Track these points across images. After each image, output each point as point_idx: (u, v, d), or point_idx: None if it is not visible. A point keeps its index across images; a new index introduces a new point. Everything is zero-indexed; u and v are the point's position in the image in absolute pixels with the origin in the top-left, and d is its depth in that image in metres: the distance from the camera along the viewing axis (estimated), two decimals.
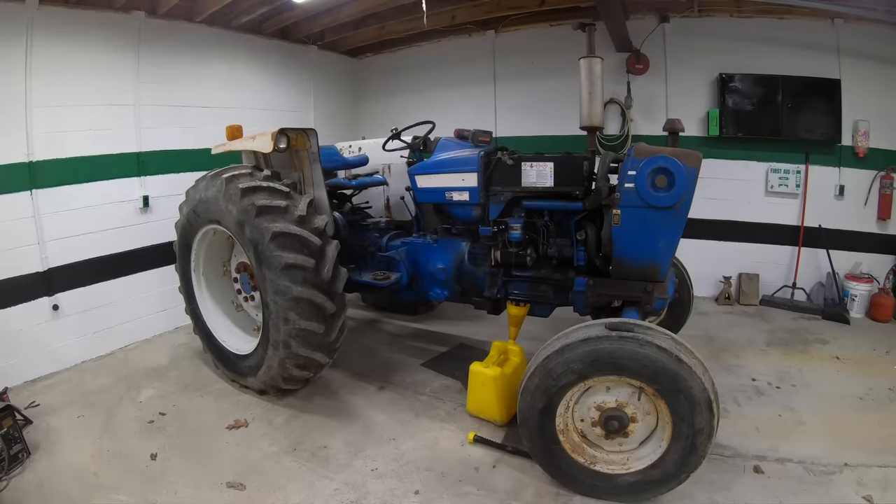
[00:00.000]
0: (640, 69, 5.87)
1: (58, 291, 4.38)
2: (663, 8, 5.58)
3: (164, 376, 4.27)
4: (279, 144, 3.58)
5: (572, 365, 2.51)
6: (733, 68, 5.50)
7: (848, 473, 2.81)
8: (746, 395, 3.72)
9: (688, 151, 2.82)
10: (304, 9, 5.55)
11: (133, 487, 2.85)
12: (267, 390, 3.77)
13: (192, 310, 4.24)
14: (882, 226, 5.35)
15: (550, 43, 6.14)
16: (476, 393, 3.42)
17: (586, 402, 2.64)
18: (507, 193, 3.40)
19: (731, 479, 2.78)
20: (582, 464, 2.66)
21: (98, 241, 4.66)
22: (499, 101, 6.71)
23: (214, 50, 5.60)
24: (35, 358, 4.22)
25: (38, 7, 4.12)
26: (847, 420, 3.35)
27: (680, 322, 4.16)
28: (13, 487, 2.85)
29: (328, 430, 3.42)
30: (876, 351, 4.43)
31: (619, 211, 2.91)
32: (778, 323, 5.15)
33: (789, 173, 5.54)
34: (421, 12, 5.06)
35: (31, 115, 4.14)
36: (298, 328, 3.30)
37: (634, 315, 2.93)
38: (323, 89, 7.10)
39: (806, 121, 5.35)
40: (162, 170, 5.10)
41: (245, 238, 3.40)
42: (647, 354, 2.37)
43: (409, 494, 2.76)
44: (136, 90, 4.87)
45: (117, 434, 3.40)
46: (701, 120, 5.72)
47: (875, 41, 5.07)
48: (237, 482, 2.88)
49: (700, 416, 2.34)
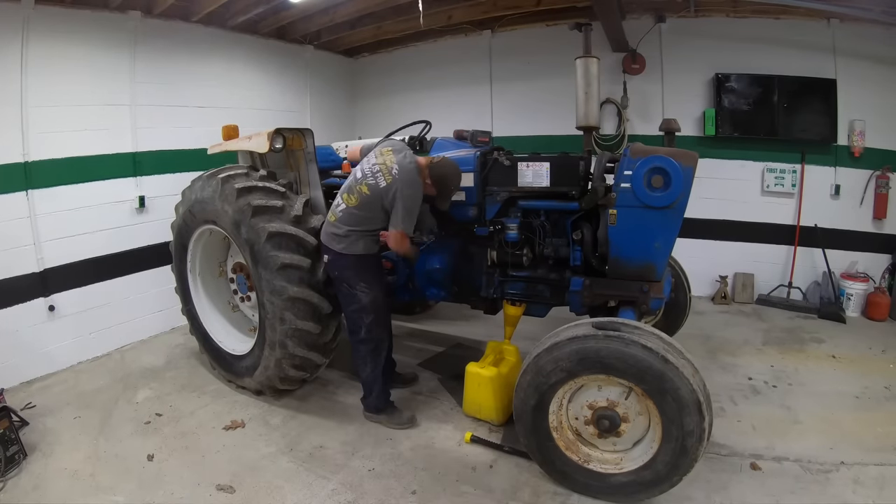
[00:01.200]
0: (636, 69, 5.88)
1: (54, 292, 4.36)
2: (659, 8, 5.59)
3: (160, 377, 4.26)
4: (275, 144, 3.58)
5: (561, 363, 2.52)
6: (729, 68, 5.52)
7: (844, 472, 2.82)
8: (743, 393, 3.73)
9: (684, 151, 2.83)
10: (300, 8, 5.54)
11: (130, 488, 2.85)
12: (263, 391, 3.77)
13: (188, 310, 4.23)
14: (878, 225, 5.38)
15: (547, 43, 6.15)
16: (472, 393, 3.42)
17: (579, 401, 2.65)
18: (503, 193, 3.40)
19: (727, 478, 2.78)
20: (575, 461, 2.66)
21: (94, 241, 4.65)
22: (495, 100, 6.71)
23: (210, 50, 5.59)
24: (31, 359, 4.20)
25: (33, 7, 4.10)
26: (843, 419, 3.36)
27: (677, 324, 4.17)
28: (9, 489, 2.84)
29: (325, 430, 3.42)
30: (872, 350, 4.45)
31: (616, 211, 2.91)
32: (774, 322, 5.17)
33: (785, 173, 5.56)
34: (417, 12, 5.07)
35: (26, 114, 4.12)
36: (295, 328, 3.30)
37: (630, 315, 2.93)
38: (319, 89, 7.09)
39: (802, 120, 5.38)
40: (158, 170, 5.09)
41: (241, 238, 3.40)
42: (633, 354, 2.37)
43: (406, 494, 2.76)
44: (132, 90, 4.85)
45: (114, 435, 3.40)
46: (697, 120, 5.74)
47: (870, 41, 5.09)
48: (234, 483, 2.87)
49: (689, 417, 2.31)
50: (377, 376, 3.43)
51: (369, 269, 3.35)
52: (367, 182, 3.19)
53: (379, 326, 3.39)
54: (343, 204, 3.26)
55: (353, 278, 3.28)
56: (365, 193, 3.17)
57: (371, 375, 3.42)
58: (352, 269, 3.27)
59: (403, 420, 3.45)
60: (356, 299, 3.29)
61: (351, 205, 3.21)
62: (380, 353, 3.43)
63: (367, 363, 3.41)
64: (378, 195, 3.14)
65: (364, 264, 3.30)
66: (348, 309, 3.38)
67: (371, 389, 3.46)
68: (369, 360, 3.40)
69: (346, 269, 3.28)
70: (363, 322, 3.33)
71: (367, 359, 3.40)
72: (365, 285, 3.28)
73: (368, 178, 3.19)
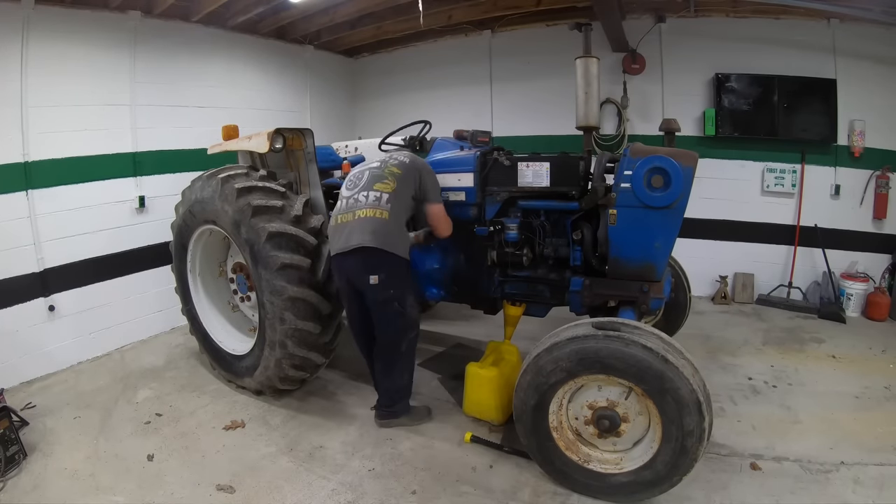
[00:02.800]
0: (636, 69, 5.88)
1: (54, 292, 4.37)
2: (660, 8, 5.59)
3: (160, 377, 4.26)
4: (275, 144, 3.58)
5: (560, 363, 2.52)
6: (729, 68, 5.52)
7: (844, 472, 2.82)
8: (743, 393, 3.73)
9: (684, 151, 2.83)
10: (300, 8, 5.54)
11: (130, 489, 2.85)
12: (263, 391, 3.77)
13: (188, 310, 4.24)
14: (878, 225, 5.38)
15: (547, 43, 6.15)
16: (472, 393, 3.42)
17: (579, 401, 2.65)
18: (503, 193, 3.41)
19: (727, 478, 2.78)
20: (575, 461, 2.66)
21: (94, 241, 4.65)
22: (495, 100, 6.71)
23: (210, 50, 5.59)
24: (31, 359, 4.20)
25: (33, 7, 4.10)
26: (843, 418, 3.36)
27: (677, 324, 4.17)
28: (9, 489, 2.84)
29: (325, 430, 3.42)
30: (872, 350, 4.45)
31: (616, 211, 2.91)
32: (774, 322, 5.16)
33: (785, 173, 5.56)
34: (417, 12, 5.07)
35: (26, 115, 4.12)
36: (294, 328, 3.30)
37: (630, 315, 2.92)
38: (319, 89, 7.09)
39: (802, 120, 5.38)
40: (158, 170, 5.09)
41: (241, 238, 3.40)
42: (633, 354, 2.37)
43: (406, 494, 2.75)
44: (132, 90, 4.85)
45: (114, 435, 3.39)
46: (697, 120, 5.74)
47: (870, 41, 5.09)
48: (234, 483, 2.87)
49: (689, 417, 2.31)
50: (411, 384, 3.38)
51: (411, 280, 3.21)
52: (393, 164, 3.18)
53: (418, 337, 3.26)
54: (382, 194, 3.03)
55: (404, 296, 3.06)
56: (398, 173, 3.12)
57: (408, 384, 3.36)
58: (404, 283, 3.05)
59: (423, 414, 3.43)
60: (406, 318, 3.10)
61: (390, 190, 3.04)
62: (414, 360, 3.36)
63: (405, 373, 3.30)
64: (409, 173, 3.14)
65: (409, 273, 3.15)
66: (393, 326, 3.11)
67: (402, 398, 3.36)
68: (407, 369, 3.31)
69: (401, 287, 3.04)
70: (407, 337, 3.17)
71: (405, 369, 3.29)
72: (413, 299, 3.14)
73: (391, 162, 3.19)
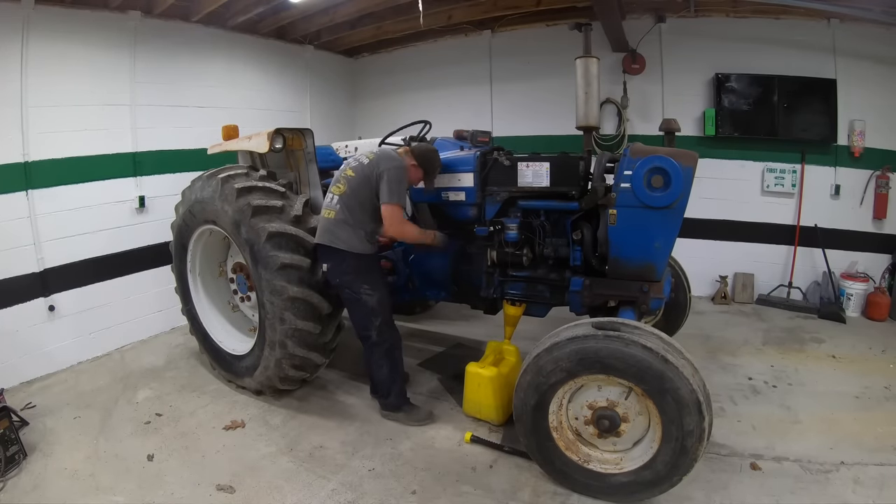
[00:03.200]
0: (636, 69, 5.88)
1: (54, 292, 4.36)
2: (660, 8, 5.59)
3: (160, 377, 4.26)
4: (275, 144, 3.58)
5: (560, 363, 2.52)
6: (729, 68, 5.52)
7: (844, 472, 2.82)
8: (743, 393, 3.73)
9: (684, 151, 2.83)
10: (300, 8, 5.54)
11: (130, 489, 2.84)
12: (263, 391, 3.77)
13: (188, 310, 4.23)
14: (878, 225, 5.38)
15: (547, 43, 6.15)
16: (472, 393, 3.42)
17: (579, 401, 2.65)
18: (503, 193, 3.41)
19: (727, 478, 2.78)
20: (575, 461, 2.66)
21: (94, 241, 4.65)
22: (495, 100, 6.71)
23: (210, 50, 5.59)
24: (31, 359, 4.20)
25: (33, 7, 4.10)
26: (843, 418, 3.36)
27: (677, 324, 4.17)
28: (9, 489, 2.84)
29: (325, 430, 3.42)
30: (872, 350, 4.45)
31: (616, 211, 2.90)
32: (774, 322, 5.16)
33: (785, 173, 5.56)
34: (417, 12, 5.07)
35: (26, 115, 4.12)
36: (294, 328, 3.30)
37: (630, 315, 2.92)
38: (319, 89, 7.09)
39: (802, 120, 5.38)
40: (158, 170, 5.09)
41: (241, 238, 3.40)
42: (633, 354, 2.37)
43: (406, 494, 2.76)
44: (132, 90, 4.85)
45: (114, 435, 3.39)
46: (697, 120, 5.74)
47: (871, 41, 5.09)
48: (234, 483, 2.87)
49: (689, 417, 2.31)
50: (395, 377, 3.43)
51: (370, 270, 3.35)
52: (351, 165, 3.28)
53: (388, 326, 3.38)
54: (334, 196, 3.26)
55: (355, 282, 3.27)
56: (350, 176, 3.23)
57: (389, 376, 3.42)
58: (352, 272, 3.26)
59: (422, 416, 3.45)
60: (361, 303, 3.28)
61: (341, 193, 3.23)
62: (393, 352, 3.42)
63: (382, 365, 3.40)
64: (363, 175, 3.20)
65: (363, 266, 3.29)
66: (356, 315, 3.36)
67: (390, 390, 3.45)
68: (385, 361, 3.40)
69: (347, 274, 3.26)
70: (373, 325, 3.32)
71: (382, 361, 3.40)
72: (368, 287, 3.27)
73: (351, 163, 3.29)
